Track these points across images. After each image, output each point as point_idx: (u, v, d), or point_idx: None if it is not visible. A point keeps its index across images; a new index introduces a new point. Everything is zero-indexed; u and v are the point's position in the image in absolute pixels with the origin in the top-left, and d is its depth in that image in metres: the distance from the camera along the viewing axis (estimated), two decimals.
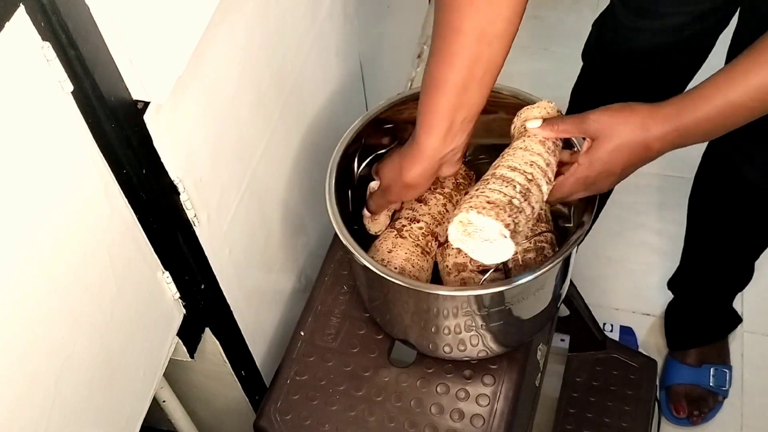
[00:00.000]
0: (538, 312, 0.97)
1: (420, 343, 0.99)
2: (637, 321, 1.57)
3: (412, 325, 0.96)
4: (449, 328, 0.93)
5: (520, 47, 1.97)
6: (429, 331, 0.94)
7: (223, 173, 0.93)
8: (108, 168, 0.74)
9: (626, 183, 1.53)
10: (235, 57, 0.90)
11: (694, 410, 1.45)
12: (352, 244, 0.90)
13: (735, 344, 1.53)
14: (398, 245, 0.97)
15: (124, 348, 0.83)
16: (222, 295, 0.98)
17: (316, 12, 1.11)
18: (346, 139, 0.98)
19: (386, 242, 0.98)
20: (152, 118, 0.76)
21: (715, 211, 1.29)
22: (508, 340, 0.99)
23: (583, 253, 1.62)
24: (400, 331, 0.99)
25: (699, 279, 1.45)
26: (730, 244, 1.32)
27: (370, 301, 1.01)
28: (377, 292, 0.97)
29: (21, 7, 0.59)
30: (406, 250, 0.96)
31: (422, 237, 0.98)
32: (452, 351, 0.97)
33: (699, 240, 1.38)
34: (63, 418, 0.75)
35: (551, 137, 0.87)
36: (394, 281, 0.88)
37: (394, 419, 0.97)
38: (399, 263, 0.95)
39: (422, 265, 0.97)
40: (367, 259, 0.89)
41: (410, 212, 1.00)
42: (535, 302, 0.95)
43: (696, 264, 1.43)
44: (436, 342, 0.96)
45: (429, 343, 0.97)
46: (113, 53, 0.69)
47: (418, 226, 0.99)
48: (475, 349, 0.96)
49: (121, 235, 0.79)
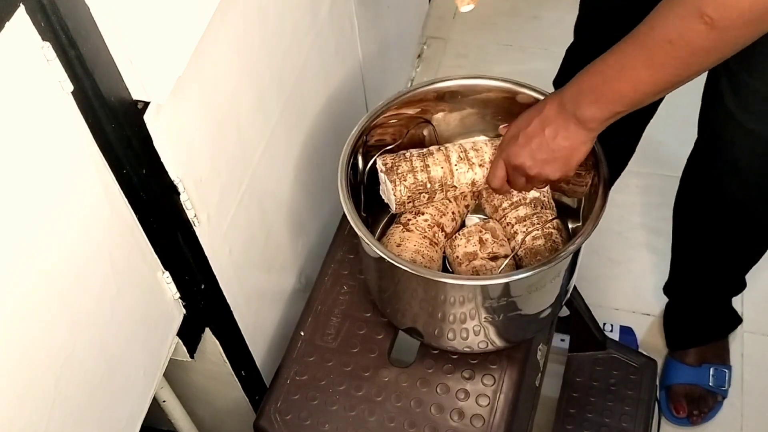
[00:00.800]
0: (543, 308, 0.97)
1: (426, 331, 0.99)
2: (637, 321, 1.57)
3: (421, 313, 0.96)
4: (455, 316, 0.93)
5: (520, 47, 1.98)
6: (436, 318, 0.95)
7: (223, 173, 0.93)
8: (108, 168, 0.74)
9: (626, 183, 1.54)
10: (235, 57, 0.90)
11: (694, 410, 1.45)
12: (366, 233, 0.90)
13: (735, 344, 1.53)
14: (406, 239, 0.98)
15: (124, 348, 0.83)
16: (222, 295, 0.98)
17: (316, 12, 1.11)
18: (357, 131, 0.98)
19: (394, 237, 0.99)
20: (152, 118, 0.76)
21: (698, 224, 1.29)
22: (511, 335, 0.99)
23: (583, 253, 1.62)
24: (408, 319, 1.00)
25: (690, 287, 1.45)
26: (715, 256, 1.33)
27: (380, 292, 1.02)
28: (388, 282, 0.98)
29: (21, 7, 0.59)
30: (414, 243, 0.98)
31: (428, 228, 1.00)
32: (455, 338, 0.97)
33: (685, 251, 1.38)
34: (63, 418, 0.75)
35: None
36: (412, 272, 0.88)
37: (394, 419, 0.97)
38: (409, 255, 0.96)
39: (432, 256, 0.98)
40: (380, 249, 0.89)
41: (413, 207, 1.01)
42: (543, 296, 0.96)
43: (684, 274, 1.43)
44: (443, 328, 0.96)
45: (435, 329, 0.97)
46: (113, 53, 0.69)
47: (423, 219, 1.00)
48: (477, 338, 0.97)
49: (121, 235, 0.79)
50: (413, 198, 0.98)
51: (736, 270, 1.36)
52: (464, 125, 1.05)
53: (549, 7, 2.05)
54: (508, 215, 1.01)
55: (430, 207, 1.01)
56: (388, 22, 1.57)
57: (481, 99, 1.02)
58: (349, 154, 0.96)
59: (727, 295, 1.45)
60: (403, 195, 0.97)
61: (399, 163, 0.98)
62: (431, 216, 1.01)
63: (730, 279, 1.40)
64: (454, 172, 0.98)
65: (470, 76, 1.02)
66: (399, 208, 0.99)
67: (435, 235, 1.00)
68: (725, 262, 1.34)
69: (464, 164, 0.97)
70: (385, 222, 1.08)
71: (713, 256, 1.32)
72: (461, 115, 1.04)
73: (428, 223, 1.00)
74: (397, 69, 1.76)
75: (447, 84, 1.01)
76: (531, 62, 1.93)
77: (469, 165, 0.98)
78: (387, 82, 1.60)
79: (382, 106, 1.00)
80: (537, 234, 0.97)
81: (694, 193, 1.25)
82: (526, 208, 1.01)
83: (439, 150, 0.99)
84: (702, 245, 1.32)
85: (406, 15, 1.77)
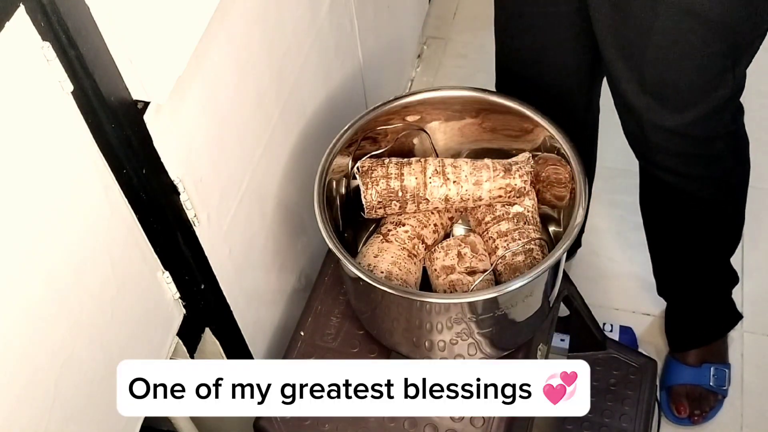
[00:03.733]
0: (524, 319, 0.97)
1: (413, 355, 0.99)
2: (637, 321, 1.57)
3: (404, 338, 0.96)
4: (441, 339, 0.93)
5: None
6: (422, 347, 0.95)
7: (223, 173, 0.93)
8: (108, 168, 0.74)
9: (626, 183, 1.54)
10: (235, 57, 0.90)
11: (696, 410, 1.45)
12: (343, 253, 0.89)
13: (735, 344, 1.53)
14: (384, 250, 0.97)
15: (124, 348, 0.83)
16: (222, 295, 0.98)
17: (316, 12, 1.11)
18: (336, 145, 0.98)
19: (372, 248, 0.99)
20: (152, 118, 0.76)
21: (663, 218, 1.30)
22: (502, 344, 0.99)
23: (583, 253, 1.62)
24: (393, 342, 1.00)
25: (678, 285, 1.45)
26: (688, 249, 1.33)
27: (361, 314, 1.02)
28: (365, 305, 0.98)
29: (21, 7, 0.59)
30: (392, 254, 0.97)
31: (408, 240, 0.98)
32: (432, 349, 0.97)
33: (660, 247, 1.39)
34: (63, 418, 0.74)
35: None
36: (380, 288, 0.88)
37: (394, 419, 0.96)
38: (385, 267, 0.95)
39: (409, 268, 0.97)
40: (355, 266, 0.89)
41: (396, 217, 1.00)
42: (524, 309, 0.95)
43: (667, 271, 1.43)
44: (430, 356, 0.97)
45: (423, 358, 0.97)
46: (113, 53, 0.69)
47: (404, 230, 0.99)
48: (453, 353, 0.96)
49: (121, 235, 0.79)
50: (384, 204, 0.98)
51: (716, 257, 1.37)
52: (464, 134, 1.05)
53: None
54: (490, 229, 1.00)
55: (412, 218, 1.00)
56: (388, 21, 1.57)
57: (476, 109, 1.02)
58: (324, 170, 0.96)
59: (721, 288, 1.45)
60: (374, 199, 0.97)
61: (375, 168, 0.98)
62: (412, 228, 0.99)
63: (715, 268, 1.40)
64: (427, 185, 0.97)
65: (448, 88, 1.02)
66: (369, 212, 0.99)
67: (415, 247, 0.99)
68: (701, 251, 1.34)
69: (439, 178, 0.97)
70: (372, 228, 1.07)
71: (687, 247, 1.33)
72: (460, 124, 1.04)
73: (408, 234, 0.99)
74: (397, 69, 1.76)
75: (428, 95, 1.01)
76: None
77: (444, 180, 0.97)
78: (387, 82, 1.60)
79: (363, 118, 1.00)
80: (517, 250, 0.96)
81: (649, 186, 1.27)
82: (509, 223, 0.99)
83: (419, 161, 0.99)
84: (672, 238, 1.33)
85: (406, 15, 1.77)
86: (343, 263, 0.89)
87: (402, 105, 1.00)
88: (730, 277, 1.42)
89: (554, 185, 1.00)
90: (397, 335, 0.96)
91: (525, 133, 1.02)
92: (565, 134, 0.97)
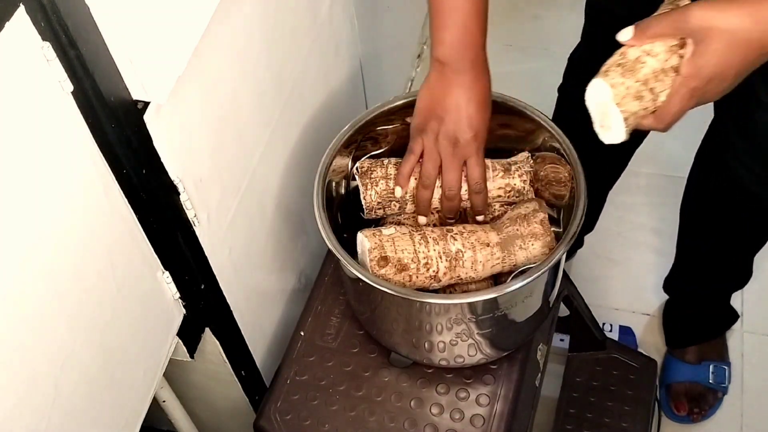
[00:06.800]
0: (524, 319, 0.96)
1: (413, 356, 0.99)
2: (636, 321, 1.57)
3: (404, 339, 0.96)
4: (440, 339, 0.92)
5: (520, 47, 1.97)
6: (422, 347, 0.95)
7: (223, 173, 0.93)
8: (108, 168, 0.74)
9: (626, 183, 1.53)
10: (235, 57, 0.90)
11: (695, 408, 1.45)
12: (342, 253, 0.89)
13: (735, 344, 1.53)
14: None
15: (124, 348, 0.83)
16: (222, 295, 0.98)
17: (316, 12, 1.11)
18: (336, 146, 0.98)
19: None
20: (152, 118, 0.76)
21: (710, 215, 1.28)
22: (502, 344, 0.99)
23: (584, 253, 1.62)
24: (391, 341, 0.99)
25: (694, 280, 1.45)
26: (725, 246, 1.32)
27: (361, 314, 1.01)
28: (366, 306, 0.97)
29: (21, 7, 0.59)
30: None
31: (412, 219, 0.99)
32: (449, 362, 0.97)
33: (693, 242, 1.38)
34: (63, 418, 0.75)
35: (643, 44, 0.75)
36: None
37: (394, 419, 0.97)
38: None
39: None
40: (355, 267, 0.88)
41: (396, 217, 1.00)
42: (524, 309, 0.95)
43: (690, 266, 1.43)
44: (430, 357, 0.96)
45: (423, 358, 0.97)
46: (113, 53, 0.69)
47: None
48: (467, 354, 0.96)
49: (121, 235, 0.79)
50: (383, 204, 0.97)
51: (743, 254, 1.35)
52: None
53: (549, 7, 2.05)
54: None
55: (412, 219, 0.99)
56: (388, 21, 1.57)
57: None
58: (323, 170, 0.95)
59: (735, 286, 1.45)
60: (373, 200, 0.97)
61: (374, 168, 0.98)
62: None
63: (737, 265, 1.39)
64: None
65: None
66: (368, 213, 0.98)
67: None
68: (734, 247, 1.33)
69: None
70: None
71: (722, 242, 1.31)
72: None
73: None
74: (397, 69, 1.76)
75: None
76: (531, 62, 1.93)
77: None
78: (387, 82, 1.60)
79: (363, 118, 0.99)
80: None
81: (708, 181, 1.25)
82: None
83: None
84: (711, 231, 1.31)
85: (406, 15, 1.77)
86: (343, 264, 0.89)
87: (402, 105, 1.00)
88: (746, 275, 1.42)
89: (553, 184, 1.00)
90: (397, 336, 0.96)
91: (526, 134, 1.02)
92: (565, 134, 0.97)
